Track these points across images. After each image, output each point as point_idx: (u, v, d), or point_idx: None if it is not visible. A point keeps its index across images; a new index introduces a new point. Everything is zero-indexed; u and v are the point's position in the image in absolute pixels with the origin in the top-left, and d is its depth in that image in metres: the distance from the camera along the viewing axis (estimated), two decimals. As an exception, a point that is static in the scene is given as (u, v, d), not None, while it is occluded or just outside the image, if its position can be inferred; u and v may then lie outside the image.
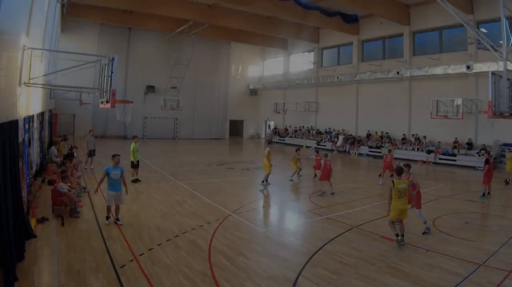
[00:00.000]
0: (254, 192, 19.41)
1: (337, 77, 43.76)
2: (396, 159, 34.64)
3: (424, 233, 12.63)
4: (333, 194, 18.94)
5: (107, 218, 12.91)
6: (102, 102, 14.76)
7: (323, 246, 11.55)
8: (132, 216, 13.92)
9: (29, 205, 13.05)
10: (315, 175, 23.15)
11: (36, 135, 18.69)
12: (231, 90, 58.43)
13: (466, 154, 31.51)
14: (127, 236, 11.84)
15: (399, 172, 11.88)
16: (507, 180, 23.37)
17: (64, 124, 46.17)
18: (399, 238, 11.53)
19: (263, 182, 21.11)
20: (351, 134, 43.30)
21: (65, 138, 29.86)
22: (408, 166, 13.34)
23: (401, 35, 38.51)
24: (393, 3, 35.93)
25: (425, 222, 12.83)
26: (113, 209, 13.02)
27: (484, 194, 18.99)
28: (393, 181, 11.59)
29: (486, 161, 19.32)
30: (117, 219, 12.87)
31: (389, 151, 23.68)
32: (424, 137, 35.23)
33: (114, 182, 12.97)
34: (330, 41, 48.15)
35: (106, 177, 13.04)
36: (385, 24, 39.05)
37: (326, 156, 20.20)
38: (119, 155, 13.37)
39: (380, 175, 23.43)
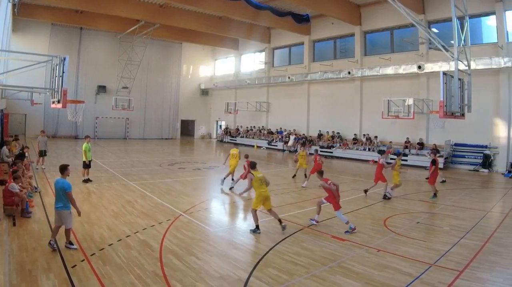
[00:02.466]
0: (205, 192, 19.20)
1: (288, 77, 43.87)
2: (348, 159, 34.90)
3: (346, 232, 12.91)
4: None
5: (70, 243, 10.57)
6: (53, 102, 14.65)
7: (274, 246, 11.47)
8: (83, 216, 13.40)
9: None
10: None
11: (-14, 135, 18.29)
12: (182, 90, 58.57)
13: (418, 154, 31.86)
14: (78, 236, 11.63)
15: (254, 165, 13.87)
16: (443, 179, 23.91)
17: (15, 124, 45.92)
18: (257, 231, 12.72)
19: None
20: (303, 134, 43.35)
21: (17, 138, 29.18)
22: (321, 173, 14.65)
23: (352, 35, 38.89)
24: (344, 3, 36.17)
25: (347, 223, 13.09)
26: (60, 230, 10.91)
27: (435, 194, 19.08)
28: (252, 173, 13.31)
29: (433, 161, 19.47)
30: (70, 243, 10.68)
31: (316, 151, 23.48)
32: (376, 137, 35.52)
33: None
34: (282, 41, 48.37)
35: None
36: (336, 24, 39.34)
37: (246, 157, 19.56)
38: (69, 165, 11.54)
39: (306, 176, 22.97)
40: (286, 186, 21.67)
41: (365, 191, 19.29)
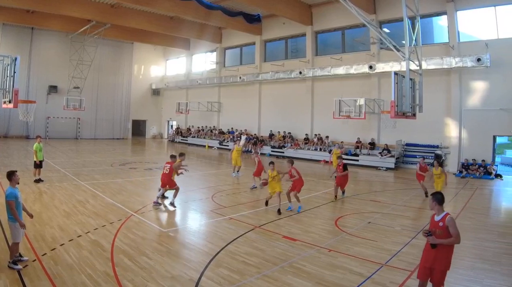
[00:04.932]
0: (156, 192, 18.76)
1: (240, 77, 43.82)
2: (300, 159, 34.83)
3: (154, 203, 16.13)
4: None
5: (19, 260, 9.40)
6: (4, 102, 14.91)
7: (226, 246, 11.49)
8: (35, 216, 13.08)
9: None
10: None
11: None
12: (133, 90, 58.19)
13: (369, 154, 32.04)
14: (30, 236, 11.46)
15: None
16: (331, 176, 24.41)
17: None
18: None
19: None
20: (254, 134, 43.30)
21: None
22: (174, 156, 17.06)
23: (304, 35, 39.01)
24: (295, 3, 36.22)
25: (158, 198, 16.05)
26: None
27: (343, 192, 19.28)
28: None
29: (345, 166, 19.30)
30: (21, 255, 9.62)
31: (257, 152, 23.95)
32: (327, 137, 35.66)
33: (19, 207, 9.57)
34: (233, 41, 48.25)
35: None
36: (288, 24, 39.42)
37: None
38: (16, 171, 10.28)
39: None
40: (237, 186, 21.67)
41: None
